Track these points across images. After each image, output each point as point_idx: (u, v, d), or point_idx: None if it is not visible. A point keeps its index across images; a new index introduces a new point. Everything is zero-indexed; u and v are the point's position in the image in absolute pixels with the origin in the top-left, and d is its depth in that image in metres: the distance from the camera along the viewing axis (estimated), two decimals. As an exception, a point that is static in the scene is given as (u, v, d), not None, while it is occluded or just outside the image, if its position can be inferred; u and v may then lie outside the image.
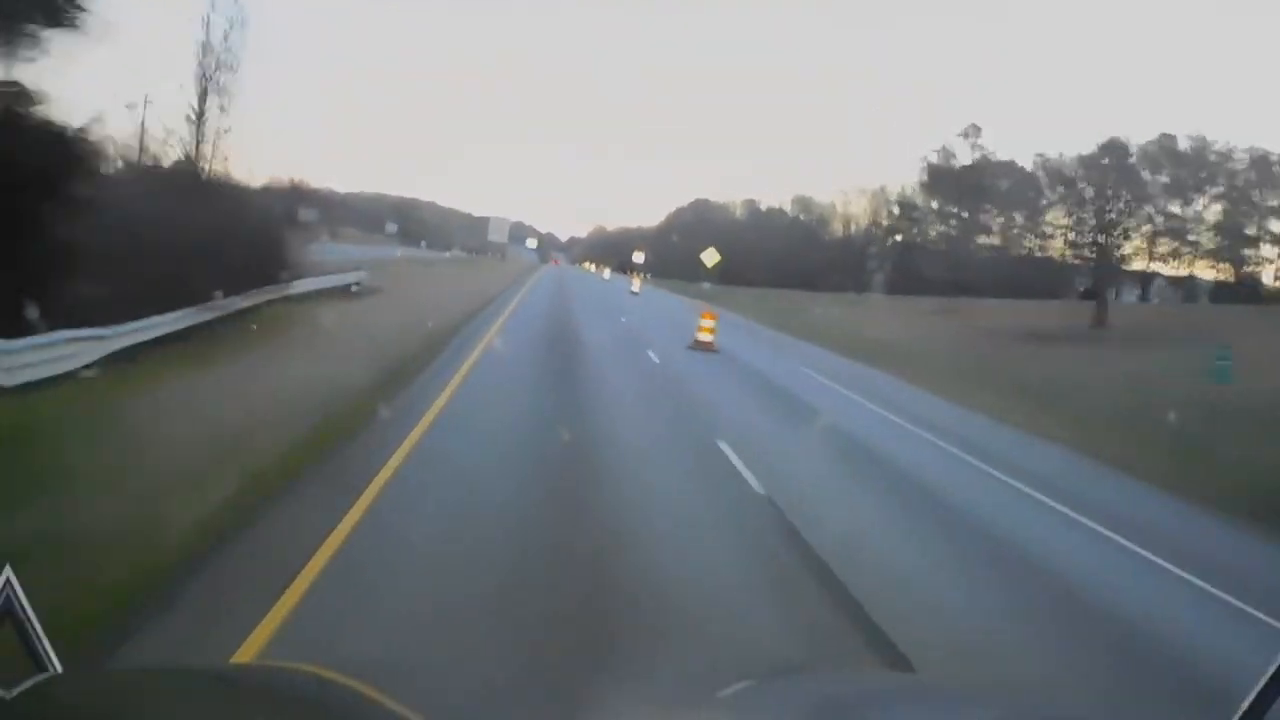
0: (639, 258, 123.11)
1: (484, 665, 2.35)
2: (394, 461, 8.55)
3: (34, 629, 1.45)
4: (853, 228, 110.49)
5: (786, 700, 1.83)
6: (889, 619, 5.94)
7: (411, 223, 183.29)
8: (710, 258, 57.97)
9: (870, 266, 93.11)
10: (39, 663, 1.44)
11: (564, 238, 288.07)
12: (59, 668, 1.46)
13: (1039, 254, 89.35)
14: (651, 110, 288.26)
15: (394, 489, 7.74)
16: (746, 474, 9.69)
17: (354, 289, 28.98)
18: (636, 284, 52.83)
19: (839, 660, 5.27)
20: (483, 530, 7.03)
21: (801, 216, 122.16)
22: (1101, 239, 69.50)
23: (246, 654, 4.48)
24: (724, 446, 10.95)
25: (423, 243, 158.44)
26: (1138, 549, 9.17)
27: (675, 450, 11.24)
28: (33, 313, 9.87)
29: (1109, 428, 17.47)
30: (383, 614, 5.28)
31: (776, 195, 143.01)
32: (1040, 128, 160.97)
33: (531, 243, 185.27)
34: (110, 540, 5.49)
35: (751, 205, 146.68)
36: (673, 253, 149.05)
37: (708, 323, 21.66)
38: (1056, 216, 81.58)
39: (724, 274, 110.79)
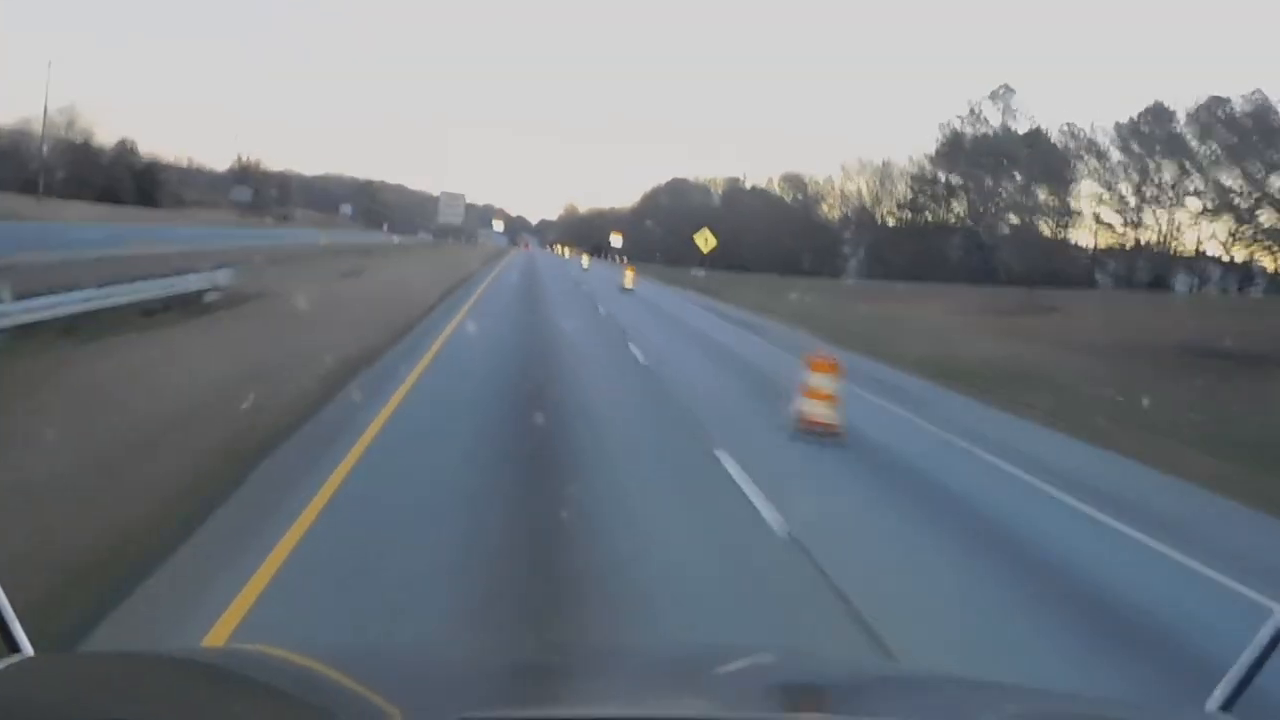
0: (617, 241, 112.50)
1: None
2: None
3: (5, 611, 1.49)
4: (854, 207, 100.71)
5: (772, 682, 1.87)
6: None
7: (376, 205, 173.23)
8: (705, 241, 47.67)
9: (881, 251, 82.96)
10: (11, 645, 1.48)
11: (534, 220, 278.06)
12: (31, 650, 1.49)
13: (1064, 237, 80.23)
14: (626, 84, 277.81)
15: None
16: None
17: (208, 298, 18.34)
18: (629, 278, 42.09)
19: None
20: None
21: (798, 196, 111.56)
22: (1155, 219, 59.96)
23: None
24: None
25: (385, 225, 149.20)
26: None
27: None
28: None
29: None
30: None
31: (764, 172, 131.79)
32: (1068, 95, 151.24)
33: (498, 225, 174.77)
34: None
35: (734, 184, 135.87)
36: (648, 236, 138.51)
37: (820, 382, 10.85)
38: (1092, 190, 72.06)
39: (711, 259, 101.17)
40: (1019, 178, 75.89)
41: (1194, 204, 69.75)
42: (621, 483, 8.35)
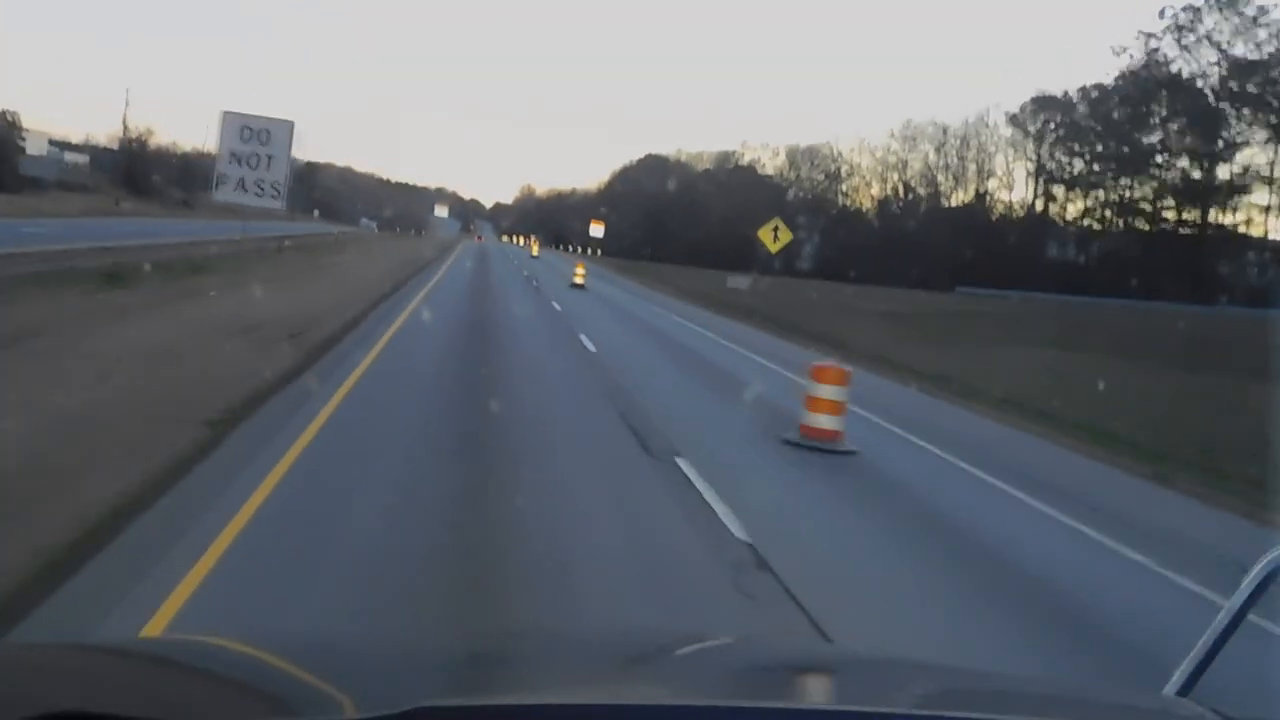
0: (597, 230, 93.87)
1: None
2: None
3: None
4: (899, 193, 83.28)
5: (726, 666, 1.90)
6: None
7: (311, 189, 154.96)
8: (773, 237, 29.47)
9: (961, 249, 65.44)
10: None
11: (489, 204, 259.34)
12: None
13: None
14: (583, 66, 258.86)
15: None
16: None
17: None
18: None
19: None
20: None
21: (818, 176, 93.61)
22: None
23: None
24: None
25: (315, 212, 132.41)
26: None
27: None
28: None
29: None
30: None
31: (755, 144, 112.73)
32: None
33: (441, 210, 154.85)
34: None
35: (727, 160, 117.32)
36: (621, 223, 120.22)
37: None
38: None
39: (690, 252, 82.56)
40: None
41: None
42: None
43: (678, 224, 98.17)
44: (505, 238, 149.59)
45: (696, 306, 34.24)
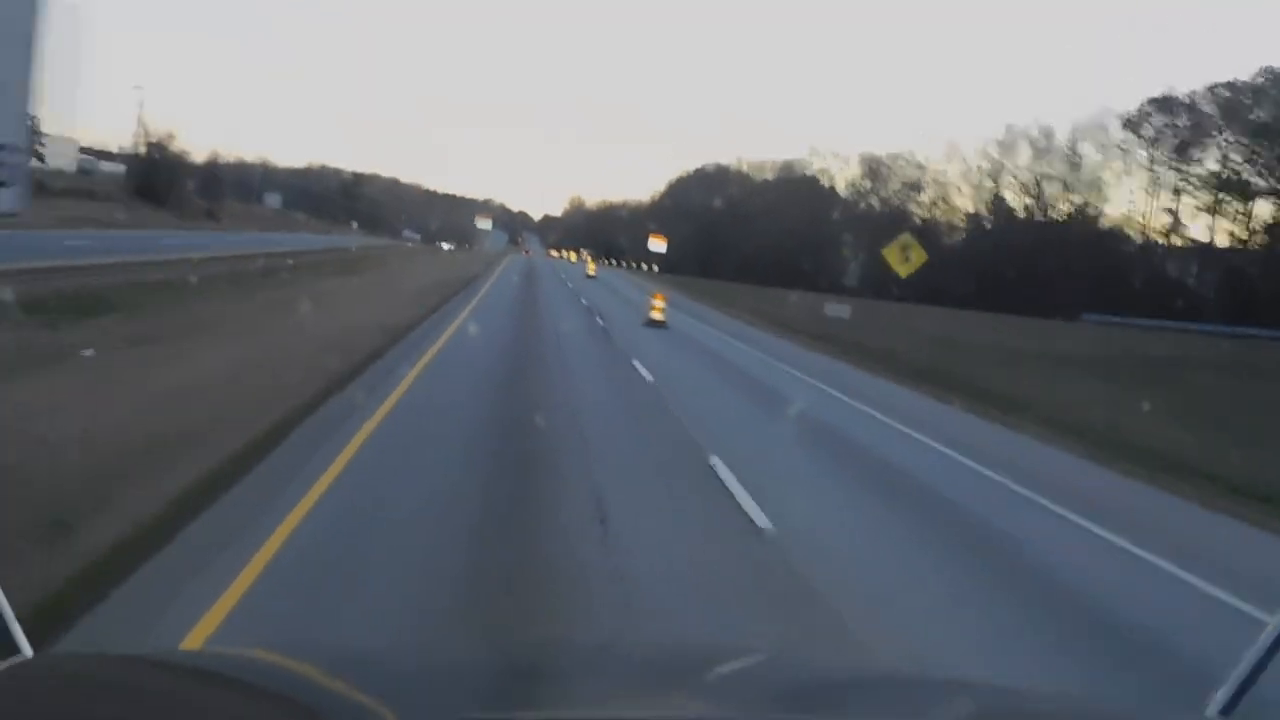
0: (658, 246, 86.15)
1: None
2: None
3: (5, 612, 1.47)
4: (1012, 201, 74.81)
5: (765, 682, 1.89)
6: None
7: (357, 201, 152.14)
8: (903, 257, 22.14)
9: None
10: (10, 647, 1.47)
11: (537, 216, 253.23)
12: (30, 652, 1.49)
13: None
14: (638, 76, 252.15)
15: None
16: None
17: None
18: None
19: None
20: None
21: (895, 186, 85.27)
22: None
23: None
24: None
25: (354, 224, 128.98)
26: None
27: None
28: None
29: None
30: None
31: (825, 152, 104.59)
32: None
33: (485, 222, 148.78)
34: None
35: (790, 168, 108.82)
36: (673, 236, 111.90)
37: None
38: None
39: (779, 274, 74.77)
40: None
41: None
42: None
43: (730, 237, 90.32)
44: (554, 252, 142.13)
45: (805, 346, 26.41)
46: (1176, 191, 64.19)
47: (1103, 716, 2.00)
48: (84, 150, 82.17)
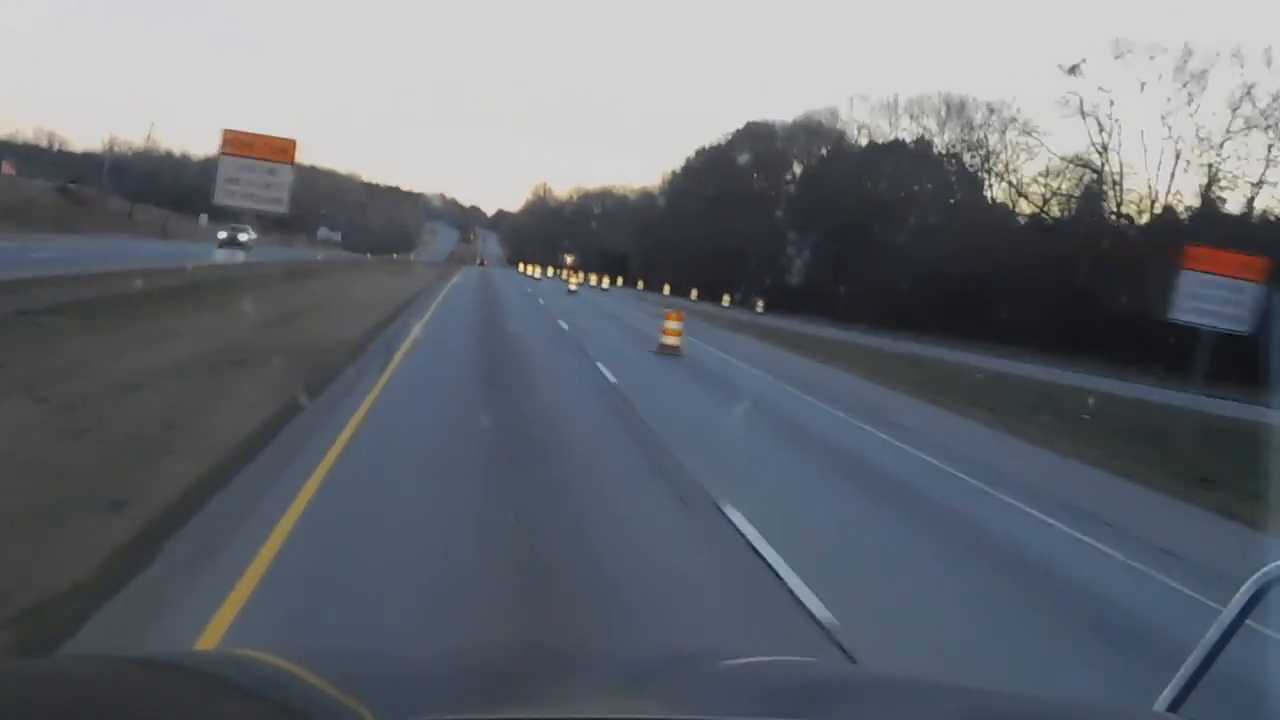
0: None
1: None
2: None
3: None
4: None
5: (749, 686, 1.86)
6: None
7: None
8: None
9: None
10: None
11: (490, 211, 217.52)
12: (14, 656, 1.42)
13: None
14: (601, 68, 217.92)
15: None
16: None
17: None
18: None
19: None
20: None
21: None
22: None
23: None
24: None
25: (203, 217, 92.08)
26: None
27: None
28: None
29: None
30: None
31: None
32: None
33: (435, 229, 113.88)
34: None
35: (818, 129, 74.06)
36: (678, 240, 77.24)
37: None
38: None
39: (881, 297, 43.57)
40: None
41: None
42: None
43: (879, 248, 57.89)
44: (535, 270, 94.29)
45: None
46: None
47: (1052, 713, 1.98)
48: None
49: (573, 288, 56.38)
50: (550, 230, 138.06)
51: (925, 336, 47.06)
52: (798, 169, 78.85)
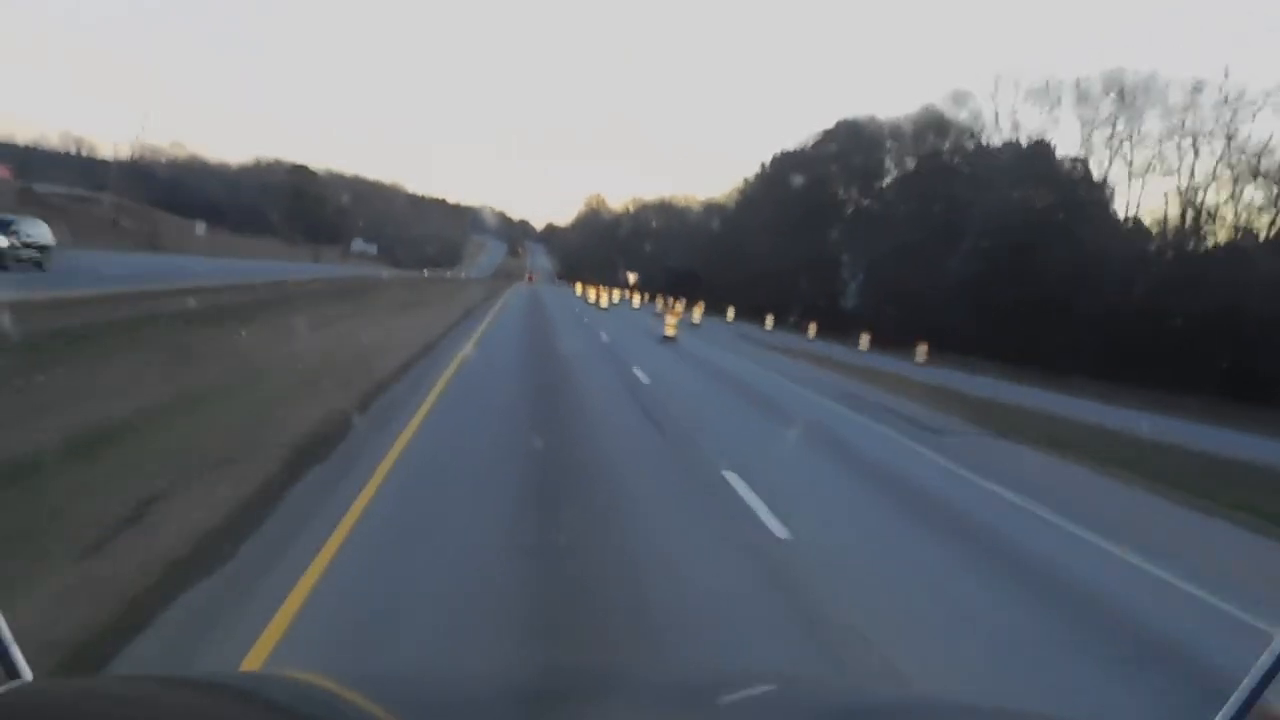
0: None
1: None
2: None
3: (4, 636, 1.42)
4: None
5: (776, 710, 1.84)
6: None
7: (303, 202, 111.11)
8: None
9: None
10: (10, 671, 1.42)
11: (540, 225, 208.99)
12: (30, 675, 1.44)
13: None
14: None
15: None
16: None
17: None
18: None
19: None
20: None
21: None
22: None
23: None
24: None
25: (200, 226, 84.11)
26: None
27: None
28: None
29: None
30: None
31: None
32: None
33: (482, 241, 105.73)
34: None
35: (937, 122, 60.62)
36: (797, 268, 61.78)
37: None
38: None
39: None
40: None
41: None
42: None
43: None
44: (591, 290, 79.42)
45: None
46: None
47: None
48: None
49: (669, 333, 35.12)
50: (603, 245, 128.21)
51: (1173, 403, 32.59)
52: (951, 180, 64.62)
